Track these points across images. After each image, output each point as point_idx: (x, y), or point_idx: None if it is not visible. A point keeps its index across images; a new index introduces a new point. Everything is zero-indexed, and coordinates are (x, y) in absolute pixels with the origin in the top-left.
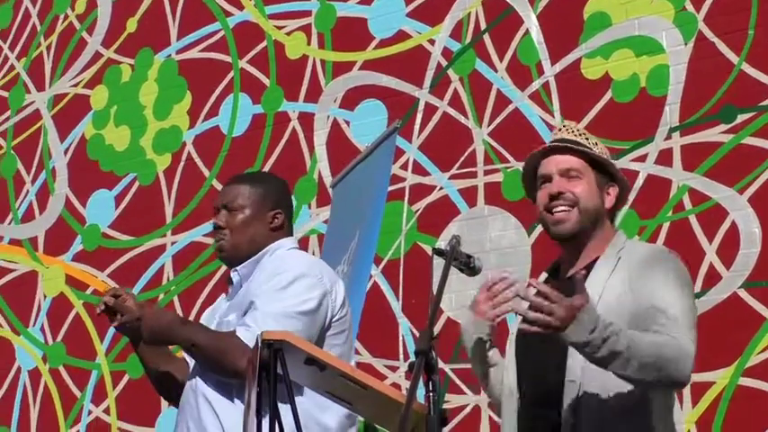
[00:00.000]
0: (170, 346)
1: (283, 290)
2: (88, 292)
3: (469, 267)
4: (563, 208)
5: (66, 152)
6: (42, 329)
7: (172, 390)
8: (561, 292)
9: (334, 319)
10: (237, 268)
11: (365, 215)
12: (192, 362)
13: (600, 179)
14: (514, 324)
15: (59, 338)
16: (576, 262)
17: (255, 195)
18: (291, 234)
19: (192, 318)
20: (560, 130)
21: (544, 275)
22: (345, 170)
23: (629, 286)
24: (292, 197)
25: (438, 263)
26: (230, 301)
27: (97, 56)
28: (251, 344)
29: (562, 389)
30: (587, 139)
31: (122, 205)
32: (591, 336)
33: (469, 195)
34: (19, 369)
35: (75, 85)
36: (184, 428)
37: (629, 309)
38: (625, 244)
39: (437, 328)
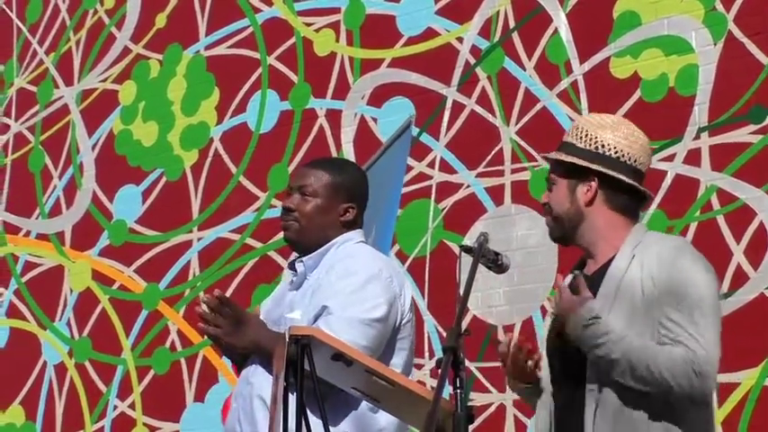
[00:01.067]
0: None
1: (356, 293)
2: (114, 287)
3: (497, 265)
4: (546, 216)
5: (93, 147)
6: (68, 324)
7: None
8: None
9: (403, 323)
10: (303, 259)
11: (381, 210)
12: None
13: (572, 182)
14: (545, 324)
15: (85, 333)
16: (593, 258)
17: (332, 184)
18: (361, 226)
19: None
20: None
21: (570, 275)
22: (366, 166)
23: (643, 291)
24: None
25: (465, 260)
26: (294, 291)
27: (126, 51)
28: None
29: (584, 393)
30: (580, 132)
31: (149, 201)
32: (585, 332)
33: (496, 194)
34: (45, 363)
35: (104, 81)
36: (236, 417)
37: (638, 312)
38: (642, 239)
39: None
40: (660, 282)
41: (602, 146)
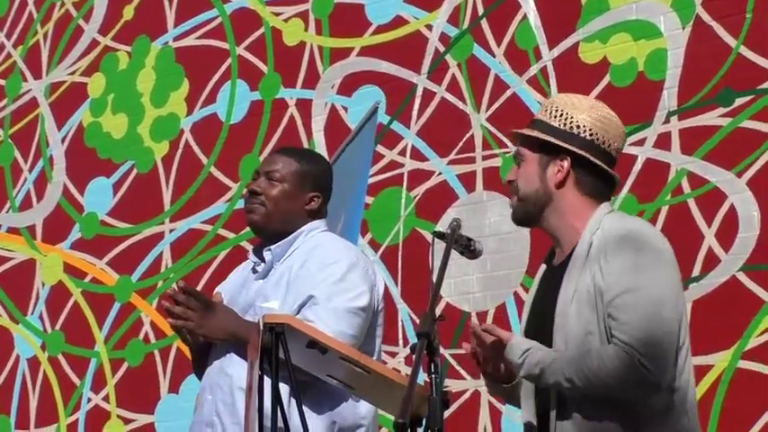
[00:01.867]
0: None
1: (339, 282)
2: (87, 279)
3: (470, 250)
4: (511, 196)
5: (63, 140)
6: (41, 317)
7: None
8: (550, 282)
9: (378, 310)
10: (271, 248)
11: (349, 199)
12: (218, 345)
13: (544, 158)
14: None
15: (58, 326)
16: (558, 246)
17: (300, 172)
18: (324, 216)
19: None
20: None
21: (543, 266)
22: (336, 155)
23: (593, 281)
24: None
25: (438, 247)
26: (262, 280)
27: (94, 43)
28: None
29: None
30: (555, 111)
31: (120, 193)
32: (522, 371)
33: (468, 181)
34: (18, 358)
35: (72, 73)
36: (212, 409)
37: (593, 305)
38: (601, 222)
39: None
40: (603, 273)
41: (577, 126)
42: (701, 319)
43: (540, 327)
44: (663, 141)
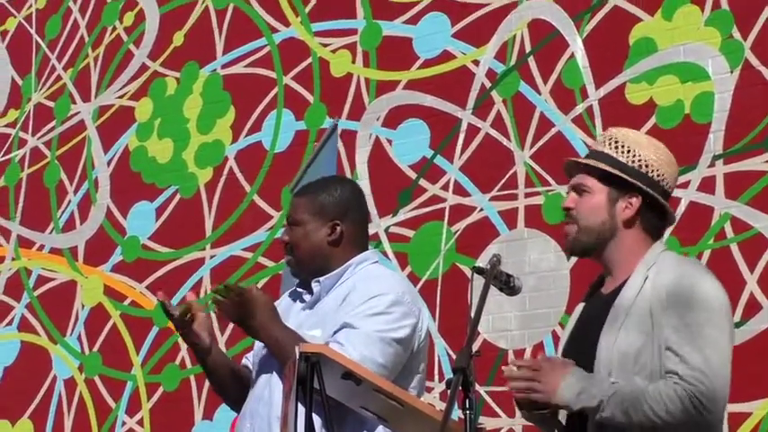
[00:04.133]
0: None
1: (380, 314)
2: (126, 303)
3: (509, 287)
4: (569, 224)
5: (109, 163)
6: (79, 339)
7: (233, 393)
8: (599, 310)
9: (420, 347)
10: (320, 279)
11: None
12: (260, 373)
13: (614, 193)
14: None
15: (96, 348)
16: (611, 276)
17: (313, 207)
18: (362, 240)
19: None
20: (597, 142)
21: (588, 293)
22: (299, 174)
23: (651, 313)
24: (364, 200)
25: (477, 282)
26: (309, 310)
27: (143, 68)
28: None
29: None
30: (621, 146)
31: (163, 217)
32: (580, 399)
33: (510, 217)
34: (55, 378)
35: (121, 97)
36: None
37: (649, 336)
38: (657, 258)
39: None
40: (667, 303)
41: (646, 165)
42: (741, 365)
43: (581, 350)
44: (707, 185)
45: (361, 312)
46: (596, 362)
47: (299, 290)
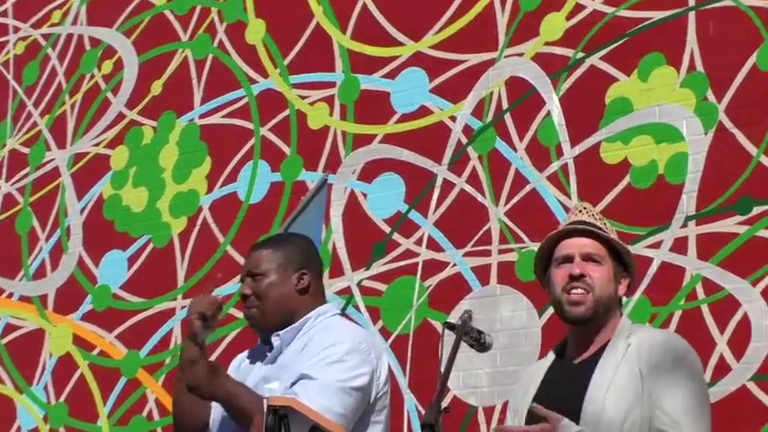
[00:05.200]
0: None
1: (336, 363)
2: (95, 352)
3: (480, 343)
4: (581, 291)
5: (82, 211)
6: (46, 389)
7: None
8: (569, 376)
9: (378, 396)
10: (279, 333)
11: None
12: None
13: (616, 268)
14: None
15: (62, 398)
16: (584, 346)
17: (279, 258)
18: (323, 292)
19: None
20: (580, 211)
21: (552, 356)
22: (286, 225)
23: (643, 377)
24: (318, 254)
25: (448, 338)
26: (270, 365)
27: (120, 116)
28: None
29: None
30: (605, 224)
31: (135, 266)
32: None
33: (482, 274)
34: (19, 429)
35: (97, 145)
36: None
37: (638, 396)
38: (632, 329)
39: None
40: (654, 369)
41: (626, 251)
42: (712, 427)
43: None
44: (680, 245)
45: (319, 362)
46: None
47: (260, 346)
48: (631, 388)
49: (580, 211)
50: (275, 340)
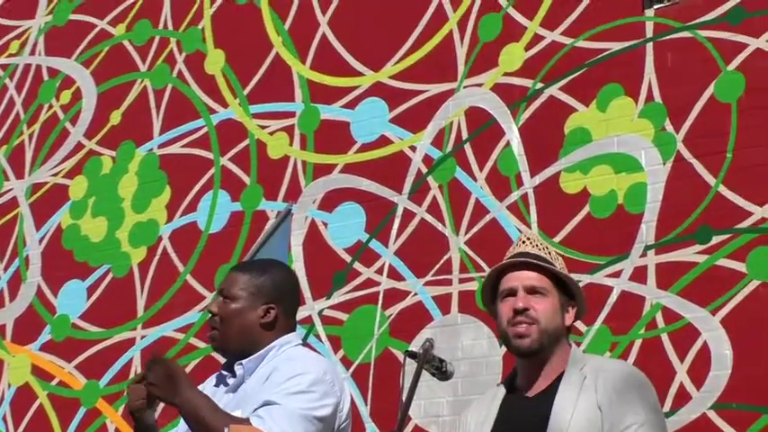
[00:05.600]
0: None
1: (302, 393)
2: (53, 383)
3: (441, 372)
4: (525, 324)
5: (41, 241)
6: (4, 419)
7: None
8: (525, 411)
9: (340, 428)
10: (243, 362)
11: None
12: None
13: (562, 298)
14: None
15: (21, 429)
16: (536, 378)
17: (251, 287)
18: (292, 329)
19: None
20: (523, 242)
21: (503, 390)
22: (250, 254)
23: (602, 409)
24: (299, 290)
25: (410, 367)
26: (232, 393)
27: (79, 146)
28: None
29: None
30: (549, 253)
31: (94, 296)
32: None
33: (443, 303)
34: None
35: (55, 175)
36: None
37: (599, 430)
38: (585, 360)
39: None
40: (612, 402)
41: (572, 281)
42: None
43: None
44: (639, 275)
45: (283, 390)
46: None
47: (223, 373)
48: (591, 420)
49: (524, 242)
50: (238, 369)
